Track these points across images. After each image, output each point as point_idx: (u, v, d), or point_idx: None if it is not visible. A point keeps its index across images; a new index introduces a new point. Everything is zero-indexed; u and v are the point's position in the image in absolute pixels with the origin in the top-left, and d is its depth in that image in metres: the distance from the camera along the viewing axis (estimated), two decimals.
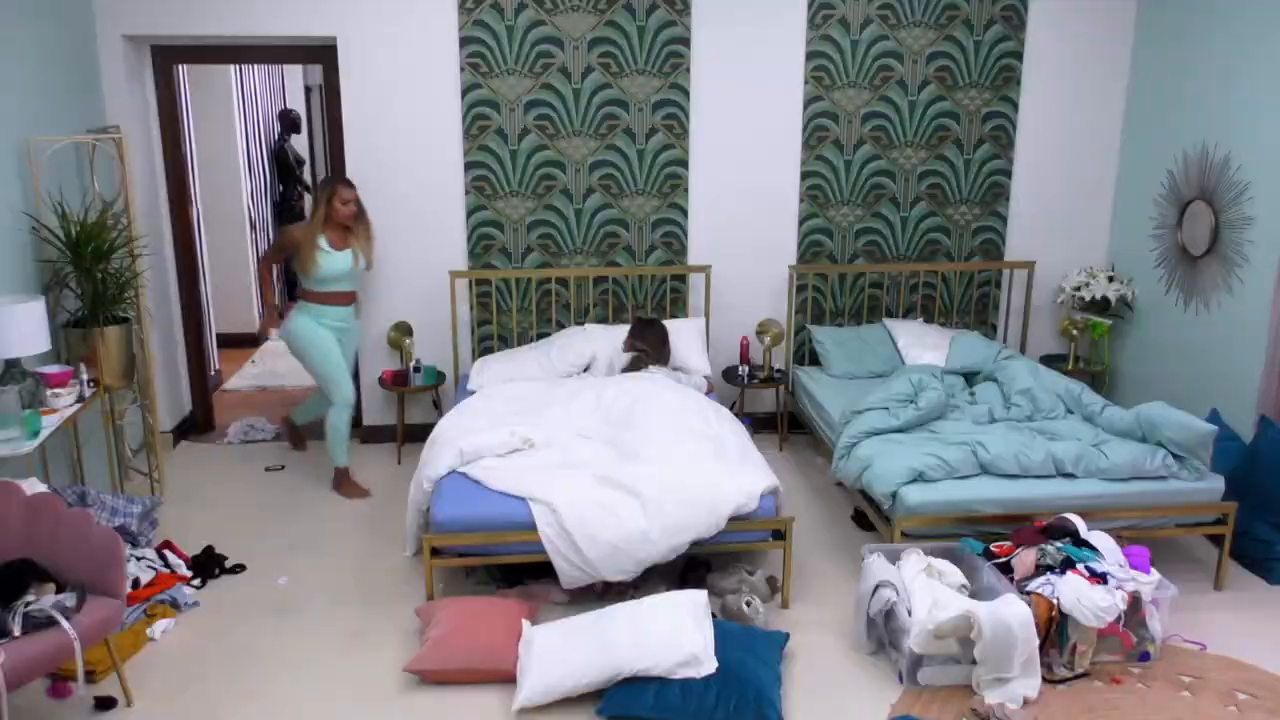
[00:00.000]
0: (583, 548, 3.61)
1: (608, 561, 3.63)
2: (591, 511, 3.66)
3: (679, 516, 3.67)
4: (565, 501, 3.68)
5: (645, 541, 3.64)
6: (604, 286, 5.56)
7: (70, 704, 3.25)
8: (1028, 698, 3.25)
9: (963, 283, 5.77)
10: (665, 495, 3.70)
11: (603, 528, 3.63)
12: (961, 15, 5.37)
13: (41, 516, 3.17)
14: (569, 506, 3.67)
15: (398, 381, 5.32)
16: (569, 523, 3.63)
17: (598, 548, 3.61)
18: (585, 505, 3.68)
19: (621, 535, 3.63)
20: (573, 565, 3.64)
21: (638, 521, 3.65)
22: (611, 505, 3.69)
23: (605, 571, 3.65)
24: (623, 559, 3.64)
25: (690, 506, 3.69)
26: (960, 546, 3.76)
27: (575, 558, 3.63)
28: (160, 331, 5.35)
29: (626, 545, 3.63)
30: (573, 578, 3.67)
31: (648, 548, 3.64)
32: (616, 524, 3.64)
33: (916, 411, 4.31)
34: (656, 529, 3.65)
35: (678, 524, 3.66)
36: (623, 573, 3.66)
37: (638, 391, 4.56)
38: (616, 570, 3.65)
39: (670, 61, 5.28)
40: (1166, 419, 3.99)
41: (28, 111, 4.22)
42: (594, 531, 3.62)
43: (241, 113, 7.71)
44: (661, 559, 3.68)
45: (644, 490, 3.72)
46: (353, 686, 3.38)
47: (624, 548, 3.63)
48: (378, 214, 5.32)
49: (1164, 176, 5.27)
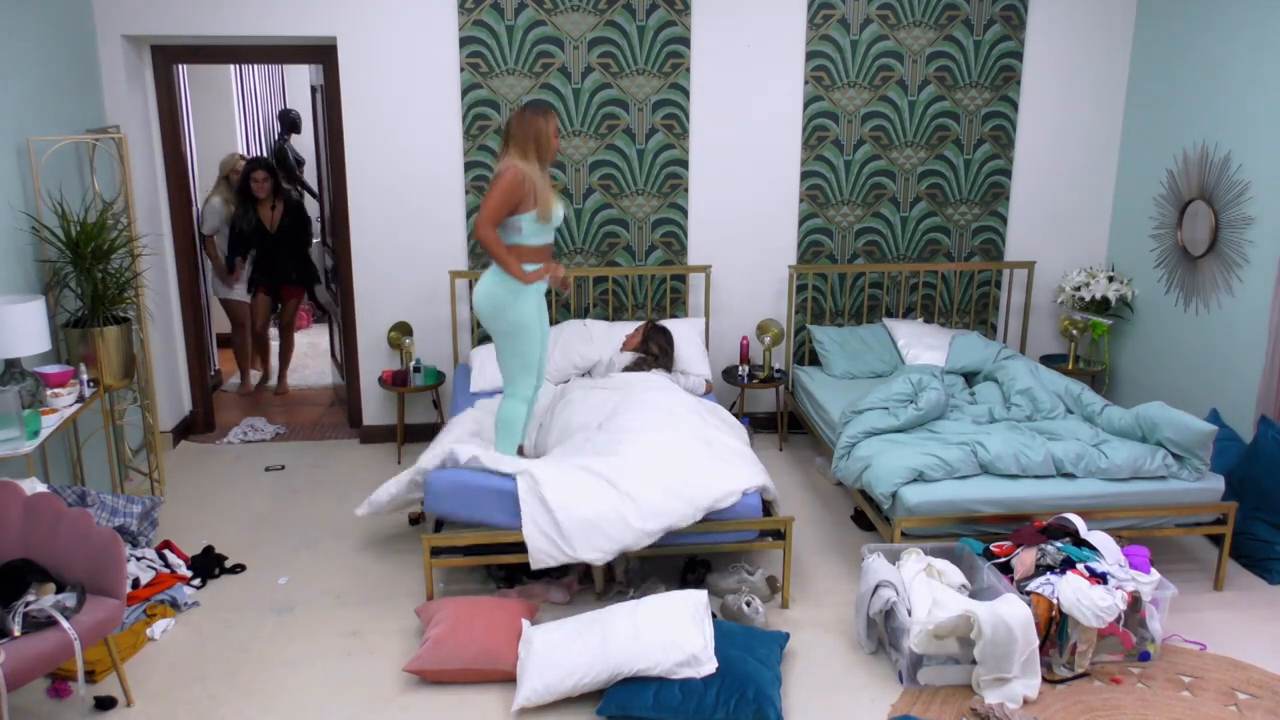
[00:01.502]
0: (559, 519, 3.61)
1: (582, 537, 3.62)
2: (570, 484, 3.70)
3: (655, 502, 3.68)
4: (546, 474, 3.72)
5: (621, 521, 3.64)
6: (604, 286, 5.56)
7: (70, 704, 3.25)
8: (1028, 698, 3.25)
9: (962, 283, 5.77)
10: (643, 480, 3.72)
11: (580, 501, 3.65)
12: (961, 15, 5.38)
13: (41, 516, 3.17)
14: (549, 477, 3.70)
15: (398, 381, 5.32)
16: (546, 489, 3.65)
17: (573, 520, 3.61)
18: (565, 478, 3.72)
19: (597, 511, 3.64)
20: (546, 538, 3.63)
21: (614, 501, 3.66)
22: (589, 482, 3.72)
23: (579, 548, 3.62)
24: (597, 536, 3.62)
25: (667, 494, 3.70)
26: (960, 546, 3.76)
27: (550, 530, 3.63)
28: (160, 331, 5.35)
29: (601, 522, 3.63)
30: (545, 552, 3.63)
31: (623, 528, 3.64)
32: (595, 500, 3.66)
33: (916, 411, 4.31)
34: (632, 511, 3.65)
35: (653, 509, 3.67)
36: (597, 551, 3.63)
37: (633, 391, 4.55)
38: (590, 548, 3.63)
39: (670, 61, 5.29)
40: (1166, 419, 4.00)
41: (28, 111, 4.22)
42: (570, 502, 3.64)
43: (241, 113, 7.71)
44: (636, 544, 3.66)
45: (622, 476, 3.74)
46: (353, 686, 3.38)
47: (599, 525, 3.62)
48: (378, 214, 5.33)
49: (1164, 176, 5.27)
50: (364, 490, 4.96)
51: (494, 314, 4.01)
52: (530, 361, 4.09)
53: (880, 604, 3.43)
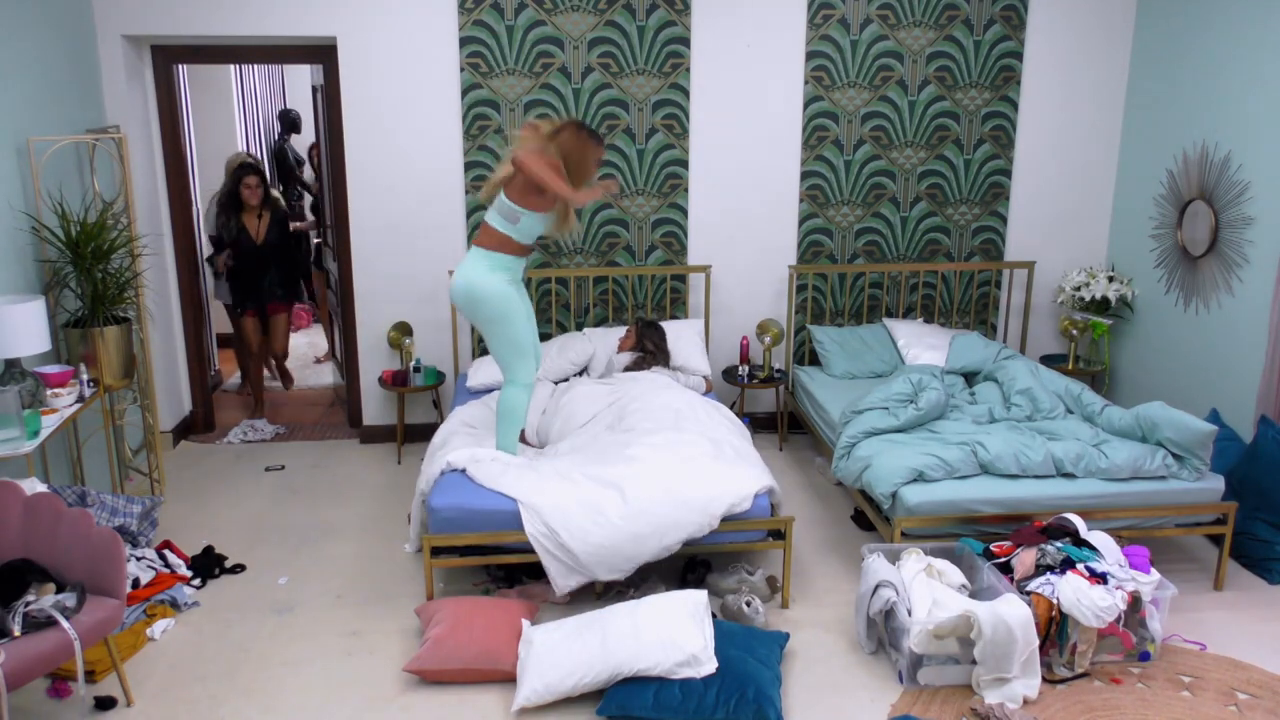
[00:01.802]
0: (571, 547, 3.60)
1: (598, 560, 3.61)
2: (576, 510, 3.65)
3: (670, 515, 3.66)
4: (549, 503, 3.68)
5: (635, 540, 3.63)
6: (604, 287, 5.56)
7: (70, 704, 3.25)
8: (1028, 698, 3.25)
9: (962, 283, 5.77)
10: (655, 494, 3.69)
11: (591, 526, 3.62)
12: (961, 15, 5.37)
13: (41, 516, 3.17)
14: (553, 508, 3.66)
15: (397, 381, 5.32)
16: (554, 521, 3.62)
17: (586, 547, 3.60)
18: (570, 504, 3.67)
19: (609, 533, 3.61)
20: (563, 564, 3.63)
21: (626, 520, 3.63)
22: (599, 504, 3.67)
23: (598, 571, 3.63)
24: (613, 557, 3.62)
25: (681, 506, 3.68)
26: (960, 546, 3.76)
27: (565, 557, 3.62)
28: (160, 331, 5.35)
29: (615, 543, 3.61)
30: (567, 579, 3.65)
31: (638, 546, 3.63)
32: (604, 522, 3.63)
33: (916, 411, 4.31)
34: (646, 527, 3.63)
35: (668, 522, 3.65)
36: (616, 571, 3.64)
37: (636, 391, 4.56)
38: (609, 569, 3.64)
39: (670, 61, 5.28)
40: (1166, 419, 4.00)
41: (28, 111, 4.22)
42: (580, 530, 3.61)
43: (241, 113, 7.71)
44: (654, 557, 3.67)
45: (633, 489, 3.71)
46: (352, 686, 3.38)
47: (612, 546, 3.61)
48: (378, 214, 5.33)
49: (1164, 176, 5.27)
50: (364, 490, 4.98)
51: (472, 306, 4.01)
52: (523, 344, 4.08)
53: (880, 604, 3.43)
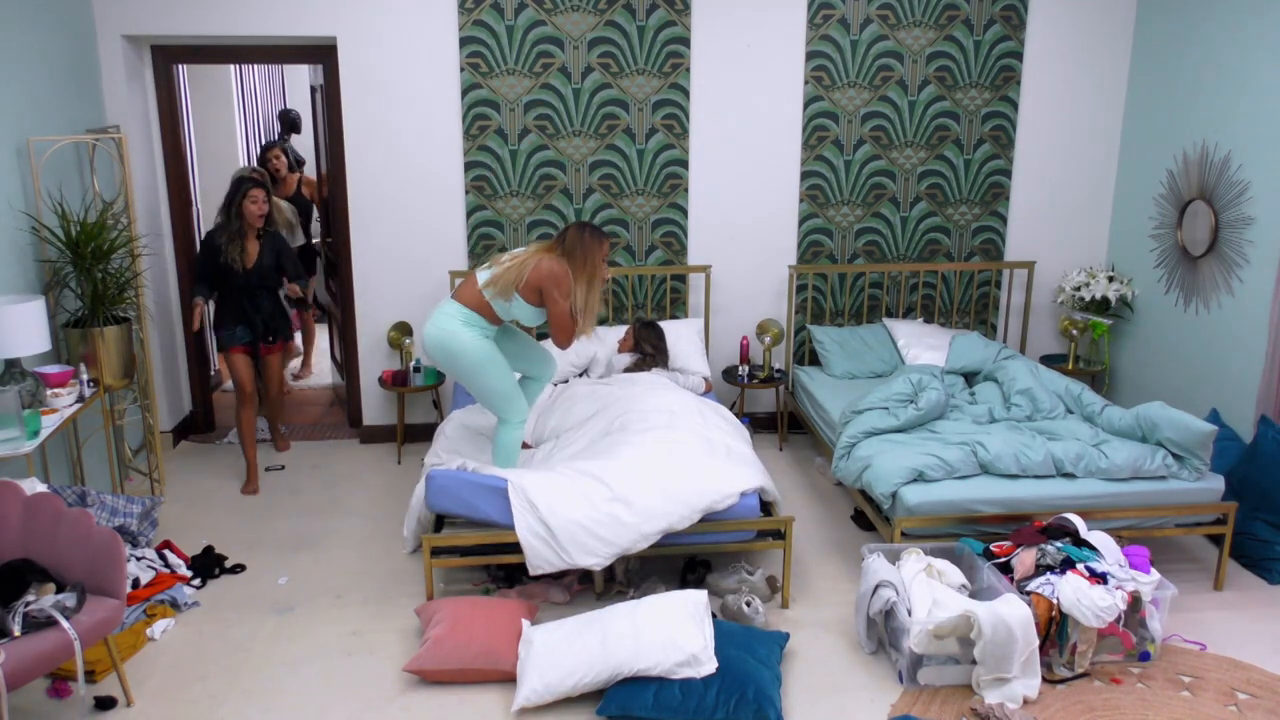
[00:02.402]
0: (549, 522, 3.60)
1: (573, 540, 3.61)
2: (560, 489, 3.68)
3: (651, 503, 3.66)
4: (534, 481, 3.70)
5: (613, 522, 3.63)
6: (604, 287, 5.55)
7: (70, 704, 3.25)
8: (1028, 698, 3.25)
9: (962, 283, 5.77)
10: (638, 482, 3.71)
11: (571, 503, 3.63)
12: (961, 15, 5.37)
13: (41, 516, 3.17)
14: (536, 485, 3.68)
15: (397, 381, 5.32)
16: (535, 496, 3.64)
17: (563, 522, 3.60)
18: (555, 481, 3.71)
19: (587, 512, 3.63)
20: (542, 542, 3.61)
21: (607, 502, 3.65)
22: (584, 488, 3.70)
23: (574, 552, 3.61)
24: (589, 539, 3.61)
25: (662, 495, 3.69)
26: (960, 546, 3.76)
27: (544, 534, 3.62)
28: (160, 331, 5.35)
29: (595, 526, 3.62)
30: (541, 556, 3.62)
31: (616, 530, 3.63)
32: (584, 502, 3.64)
33: (916, 411, 4.31)
34: (625, 511, 3.64)
35: (649, 510, 3.65)
36: (592, 555, 3.63)
37: (634, 393, 4.56)
38: (585, 551, 3.62)
39: (670, 61, 5.28)
40: (1166, 419, 4.00)
41: (28, 111, 4.22)
42: (561, 505, 3.62)
43: (241, 113, 7.71)
44: (631, 545, 3.65)
45: (616, 476, 3.73)
46: (353, 686, 3.38)
47: (592, 529, 3.61)
48: (378, 214, 5.33)
49: (1164, 176, 5.27)
50: (364, 490, 4.98)
51: (449, 360, 4.01)
52: (507, 390, 4.06)
53: (880, 604, 3.43)
